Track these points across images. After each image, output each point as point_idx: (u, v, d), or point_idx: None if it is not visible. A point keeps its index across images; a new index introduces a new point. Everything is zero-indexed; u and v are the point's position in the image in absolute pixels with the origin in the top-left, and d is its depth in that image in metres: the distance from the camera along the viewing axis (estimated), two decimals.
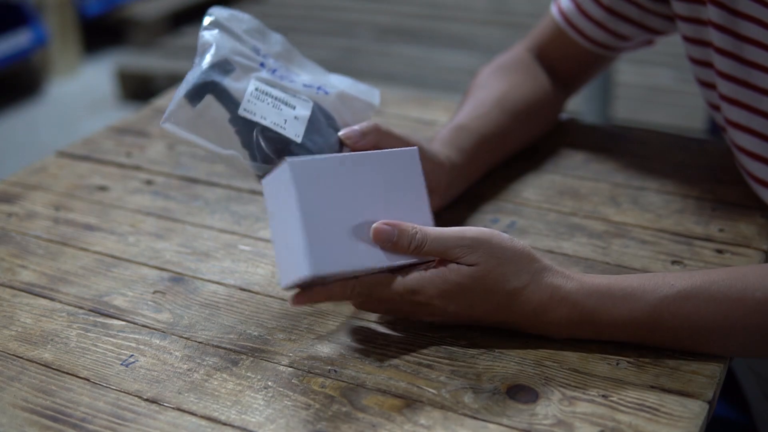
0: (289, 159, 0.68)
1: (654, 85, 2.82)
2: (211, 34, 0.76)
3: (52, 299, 0.78)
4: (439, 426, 0.63)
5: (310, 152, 0.76)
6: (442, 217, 0.87)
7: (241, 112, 0.74)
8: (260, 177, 0.75)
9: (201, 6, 3.77)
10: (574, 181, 0.96)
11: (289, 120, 0.75)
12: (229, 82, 0.74)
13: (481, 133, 0.91)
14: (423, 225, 0.70)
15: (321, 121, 0.78)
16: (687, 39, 0.90)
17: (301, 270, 0.67)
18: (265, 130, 0.74)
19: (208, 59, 0.74)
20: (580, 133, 1.07)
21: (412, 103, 1.16)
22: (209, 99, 0.73)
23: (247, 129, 0.74)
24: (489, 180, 0.94)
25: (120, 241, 0.87)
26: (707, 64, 0.89)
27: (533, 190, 0.95)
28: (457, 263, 0.68)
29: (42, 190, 0.97)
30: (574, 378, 0.67)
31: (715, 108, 0.91)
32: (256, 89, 0.75)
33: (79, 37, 3.54)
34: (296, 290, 0.69)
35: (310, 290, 0.68)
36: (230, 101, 0.74)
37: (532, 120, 1.00)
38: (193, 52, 0.77)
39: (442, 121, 1.08)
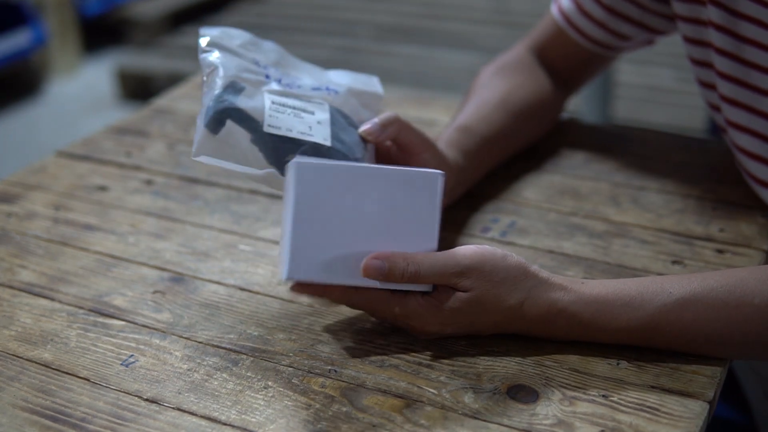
0: (296, 159, 0.67)
1: (654, 85, 2.82)
2: (214, 56, 0.76)
3: (51, 299, 0.78)
4: (439, 426, 0.63)
5: (342, 154, 0.75)
6: (441, 217, 0.87)
7: (266, 128, 0.73)
8: None
9: (201, 6, 3.78)
10: (574, 180, 0.96)
11: (314, 126, 0.75)
12: (243, 101, 0.74)
13: (484, 134, 0.91)
14: (425, 251, 0.68)
15: (341, 121, 0.78)
16: (687, 39, 0.90)
17: (282, 271, 0.67)
18: (296, 145, 0.73)
19: (219, 84, 0.74)
20: (580, 133, 1.07)
21: (412, 102, 1.16)
22: (230, 124, 0.72)
23: (272, 145, 0.73)
24: (489, 180, 0.94)
25: (120, 241, 0.87)
26: (707, 65, 0.89)
27: (533, 189, 0.94)
28: (452, 288, 0.68)
29: (42, 190, 0.97)
30: (574, 378, 0.67)
31: (716, 108, 0.91)
32: (273, 103, 0.75)
33: (78, 36, 3.54)
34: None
35: (309, 284, 0.69)
36: (250, 121, 0.73)
37: (534, 121, 1.00)
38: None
39: (442, 120, 1.08)
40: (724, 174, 0.96)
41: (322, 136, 0.75)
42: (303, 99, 0.77)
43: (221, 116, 0.72)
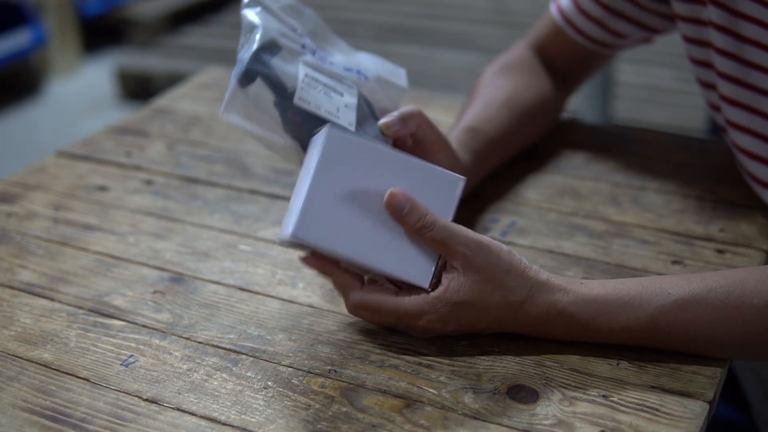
0: (331, 125, 0.68)
1: (654, 85, 2.82)
2: (256, 13, 0.76)
3: (51, 299, 0.78)
4: (439, 426, 0.63)
5: None
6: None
7: (296, 101, 0.74)
8: None
9: (201, 6, 3.77)
10: (574, 180, 0.96)
11: (341, 108, 0.76)
12: (277, 64, 0.74)
13: (490, 135, 0.91)
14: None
15: (365, 109, 0.78)
16: (687, 39, 0.90)
17: (287, 229, 0.68)
18: (321, 124, 0.74)
19: (257, 41, 0.74)
20: (580, 133, 1.07)
21: (412, 102, 1.16)
22: (259, 82, 0.73)
23: (299, 119, 0.74)
24: (490, 180, 0.94)
25: (120, 241, 0.87)
26: (708, 65, 0.89)
27: (534, 189, 0.94)
28: (453, 265, 0.68)
29: (42, 190, 0.97)
30: (574, 378, 0.67)
31: (716, 109, 0.91)
32: (306, 75, 0.75)
33: (78, 36, 3.54)
34: (293, 250, 0.70)
35: (321, 259, 0.69)
36: (279, 85, 0.74)
37: (537, 120, 1.00)
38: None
39: (442, 120, 1.08)
40: (724, 174, 0.96)
41: (347, 120, 0.75)
42: (335, 78, 0.77)
43: (253, 72, 0.73)
